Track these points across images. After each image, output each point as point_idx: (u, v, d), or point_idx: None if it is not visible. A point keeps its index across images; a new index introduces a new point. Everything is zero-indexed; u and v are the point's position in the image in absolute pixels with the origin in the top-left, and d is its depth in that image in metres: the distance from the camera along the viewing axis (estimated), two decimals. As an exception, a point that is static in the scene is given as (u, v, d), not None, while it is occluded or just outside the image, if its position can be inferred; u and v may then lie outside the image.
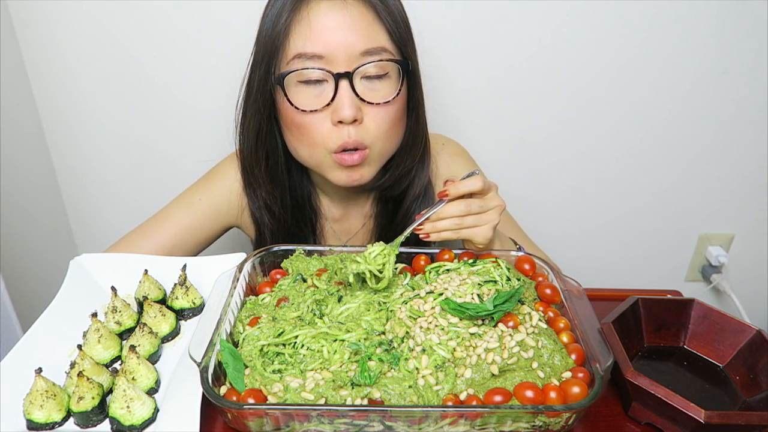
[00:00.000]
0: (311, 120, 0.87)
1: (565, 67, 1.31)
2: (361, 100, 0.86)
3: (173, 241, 0.99)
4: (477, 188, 0.82)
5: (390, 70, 0.87)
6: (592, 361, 0.68)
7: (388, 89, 0.88)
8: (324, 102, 0.86)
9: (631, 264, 1.61)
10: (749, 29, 1.29)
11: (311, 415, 0.62)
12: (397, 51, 0.88)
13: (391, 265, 0.80)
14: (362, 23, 0.83)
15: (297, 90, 0.86)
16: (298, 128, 0.89)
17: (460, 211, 0.82)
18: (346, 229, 1.10)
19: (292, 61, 0.85)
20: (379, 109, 0.88)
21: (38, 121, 1.33)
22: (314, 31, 0.83)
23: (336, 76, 0.84)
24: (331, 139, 0.88)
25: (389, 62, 0.86)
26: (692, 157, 1.45)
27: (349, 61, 0.84)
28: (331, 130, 0.87)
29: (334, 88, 0.85)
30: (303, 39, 0.83)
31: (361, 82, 0.86)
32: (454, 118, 1.35)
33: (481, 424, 0.64)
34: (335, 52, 0.83)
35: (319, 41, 0.83)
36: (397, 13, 0.88)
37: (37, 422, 0.65)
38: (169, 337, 0.81)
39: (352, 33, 0.83)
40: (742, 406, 0.73)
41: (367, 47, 0.84)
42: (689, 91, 1.36)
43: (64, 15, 1.21)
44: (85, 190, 1.44)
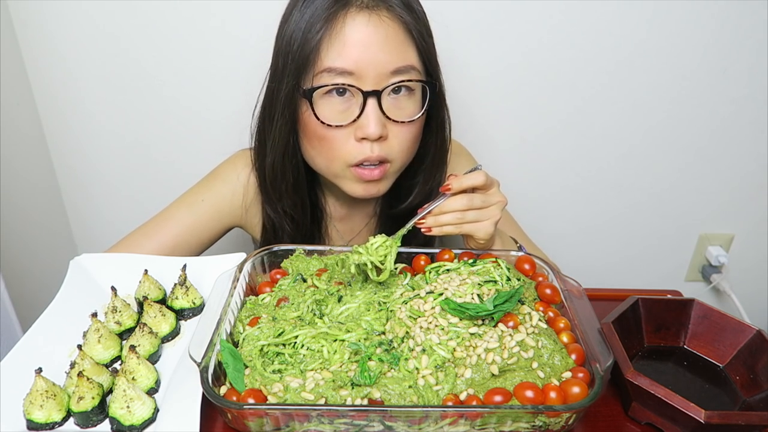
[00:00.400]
0: (334, 134, 0.87)
1: (564, 66, 1.31)
2: (387, 118, 0.86)
3: (175, 241, 0.99)
4: (480, 183, 0.82)
5: (416, 88, 0.87)
6: (592, 361, 0.68)
7: (413, 107, 0.88)
8: (350, 118, 0.85)
9: (631, 264, 1.61)
10: (749, 29, 1.29)
11: (311, 415, 0.62)
12: (423, 69, 0.88)
13: (393, 257, 0.80)
14: (395, 41, 0.83)
15: (322, 102, 0.85)
16: (320, 140, 0.88)
17: (463, 206, 0.82)
18: (349, 229, 1.11)
19: (321, 74, 0.83)
20: (403, 126, 0.88)
21: (38, 121, 1.33)
22: (347, 46, 0.82)
23: (365, 93, 0.83)
24: (352, 153, 0.87)
25: (418, 82, 0.86)
26: (692, 157, 1.45)
27: (378, 79, 0.83)
28: (355, 145, 0.87)
29: (361, 105, 0.84)
30: (335, 53, 0.82)
31: (388, 99, 0.85)
32: (455, 118, 1.35)
33: (481, 424, 0.64)
34: (366, 69, 0.82)
35: (351, 57, 0.82)
36: (425, 30, 0.87)
37: (37, 422, 0.65)
38: (169, 337, 0.81)
39: (384, 51, 0.82)
40: (742, 406, 0.73)
41: (397, 66, 0.83)
42: (689, 91, 1.36)
43: (64, 15, 1.21)
44: (85, 190, 1.44)
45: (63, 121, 1.34)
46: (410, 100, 0.87)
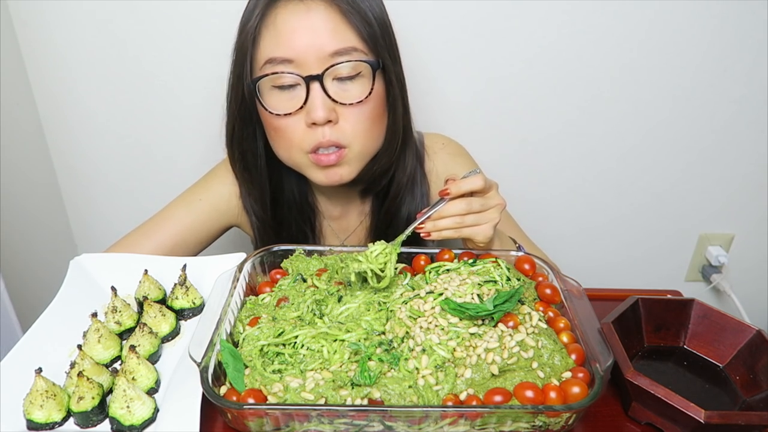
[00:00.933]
0: (286, 123, 0.88)
1: (565, 67, 1.31)
2: (334, 101, 0.86)
3: (174, 241, 1.00)
4: (478, 187, 0.82)
5: (363, 70, 0.87)
6: (592, 361, 0.68)
7: (361, 89, 0.87)
8: (297, 105, 0.86)
9: (631, 264, 1.61)
10: (749, 29, 1.29)
11: (311, 415, 0.62)
12: (369, 50, 0.87)
13: (393, 264, 0.80)
14: (329, 24, 0.83)
15: (271, 94, 0.87)
16: (275, 131, 0.91)
17: (462, 210, 0.82)
18: (344, 227, 1.11)
19: (264, 66, 0.85)
20: (353, 108, 0.87)
21: (38, 121, 1.33)
22: (281, 35, 0.83)
23: (306, 78, 0.84)
24: (306, 140, 0.88)
25: (360, 62, 0.85)
26: (692, 157, 1.45)
27: (319, 63, 0.84)
28: (306, 131, 0.88)
29: (306, 91, 0.85)
30: (272, 44, 0.84)
31: (333, 83, 0.86)
32: (455, 119, 1.35)
33: (481, 424, 0.64)
34: (304, 55, 0.83)
35: (286, 45, 0.83)
36: (367, 11, 0.86)
37: (37, 422, 0.65)
38: (169, 337, 0.81)
39: (319, 35, 0.83)
40: (742, 406, 0.73)
41: (336, 48, 0.83)
42: (689, 91, 1.36)
43: (64, 15, 1.21)
44: (85, 190, 1.44)
45: (63, 121, 1.34)
46: (356, 83, 0.87)
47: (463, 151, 1.13)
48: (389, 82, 0.91)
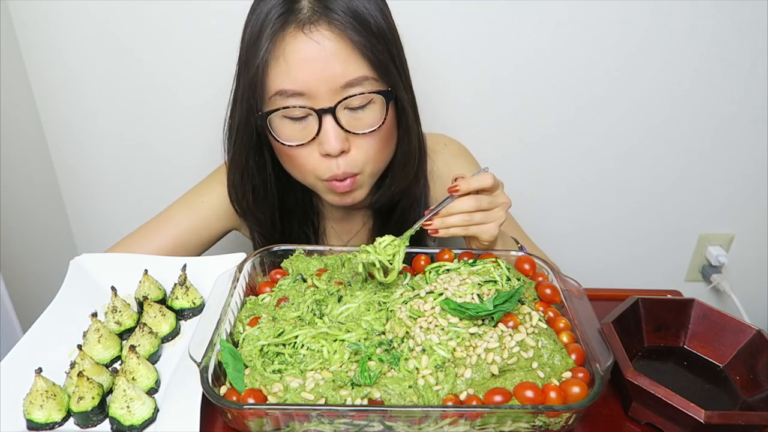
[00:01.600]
0: (299, 152, 0.87)
1: (565, 67, 1.31)
2: (347, 132, 0.85)
3: (175, 243, 0.99)
4: (488, 184, 0.81)
5: (374, 97, 0.85)
6: (592, 361, 0.68)
7: (373, 117, 0.85)
8: (309, 136, 0.84)
9: (631, 264, 1.61)
10: (749, 29, 1.29)
11: (311, 415, 0.62)
12: (380, 77, 0.84)
13: (401, 257, 0.79)
14: (340, 56, 0.80)
15: (282, 124, 0.85)
16: (287, 158, 0.90)
17: (470, 207, 0.81)
18: (347, 229, 1.10)
19: (274, 97, 0.83)
20: (365, 137, 0.86)
21: (38, 121, 1.33)
22: (291, 68, 0.80)
23: (319, 111, 0.82)
24: (320, 168, 0.87)
25: (372, 93, 0.84)
26: (692, 157, 1.45)
27: (330, 95, 0.81)
28: (320, 160, 0.87)
29: (318, 123, 0.83)
30: (281, 76, 0.81)
31: (345, 113, 0.84)
32: (455, 118, 1.35)
33: (481, 424, 0.64)
34: (315, 87, 0.81)
35: (297, 79, 0.80)
36: (379, 37, 0.83)
37: (37, 422, 0.65)
38: (169, 337, 0.81)
39: (330, 67, 0.80)
40: (742, 406, 0.73)
41: (347, 79, 0.81)
42: (689, 91, 1.36)
43: (64, 15, 1.21)
44: (85, 190, 1.44)
45: (63, 121, 1.34)
46: (368, 111, 0.85)
47: (464, 150, 1.13)
48: (401, 109, 0.90)
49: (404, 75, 0.90)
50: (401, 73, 0.88)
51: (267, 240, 1.03)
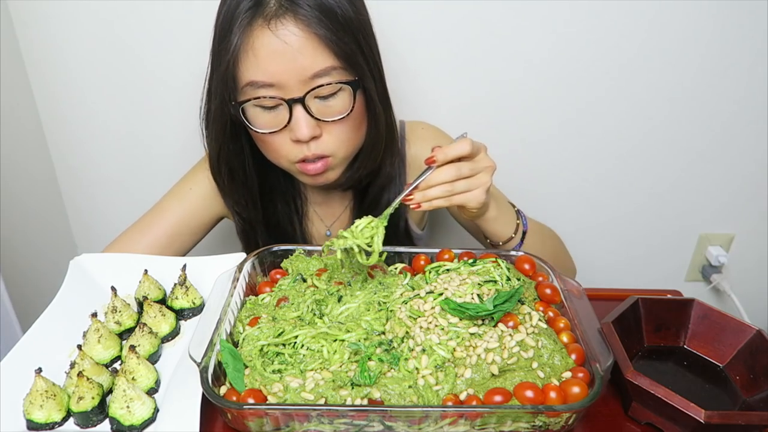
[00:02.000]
0: (272, 139, 0.89)
1: (565, 67, 1.31)
2: (317, 119, 0.87)
3: (169, 233, 1.02)
4: (466, 151, 0.79)
5: (342, 87, 0.87)
6: (592, 361, 0.68)
7: (342, 105, 0.88)
8: (281, 124, 0.87)
9: (631, 264, 1.61)
10: (749, 29, 1.29)
11: (311, 415, 0.62)
12: (348, 66, 0.86)
13: (380, 238, 0.79)
14: (307, 49, 0.82)
15: (255, 113, 0.88)
16: (263, 143, 0.92)
17: (451, 176, 0.79)
18: (330, 212, 1.12)
19: (245, 88, 0.85)
20: (335, 124, 0.88)
21: (38, 121, 1.33)
22: (260, 60, 0.82)
23: (289, 101, 0.85)
24: (292, 152, 0.90)
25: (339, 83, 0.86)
26: (692, 157, 1.45)
27: (299, 85, 0.84)
28: (292, 145, 0.89)
29: (289, 112, 0.85)
30: (251, 68, 0.83)
31: (315, 102, 0.86)
32: (456, 119, 1.35)
33: (481, 424, 0.64)
34: (284, 79, 0.83)
35: (266, 71, 0.83)
36: (344, 25, 0.84)
37: (37, 422, 0.65)
38: (169, 337, 0.81)
39: (297, 60, 0.82)
40: (742, 406, 0.73)
41: (315, 70, 0.83)
42: (689, 91, 1.36)
43: (64, 15, 1.21)
44: (85, 190, 1.44)
45: (63, 121, 1.34)
46: (337, 99, 0.87)
47: (441, 133, 1.12)
48: (369, 97, 0.91)
49: (373, 63, 0.90)
50: (369, 61, 0.89)
51: (250, 225, 1.05)
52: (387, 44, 1.26)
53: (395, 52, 1.27)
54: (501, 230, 0.93)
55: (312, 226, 1.11)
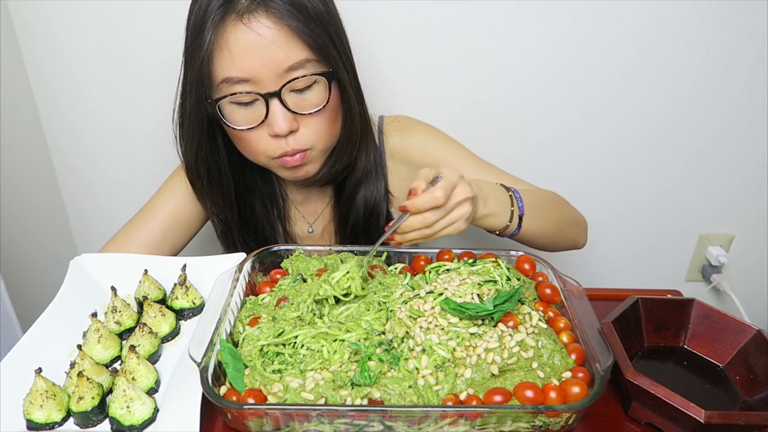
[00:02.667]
0: (250, 135, 0.89)
1: (565, 67, 1.31)
2: (294, 113, 0.87)
3: (164, 226, 1.02)
4: (439, 203, 0.76)
5: (317, 78, 0.87)
6: (592, 361, 0.68)
7: (318, 97, 0.88)
8: (258, 120, 0.87)
9: (631, 264, 1.61)
10: (749, 29, 1.29)
11: (311, 415, 0.62)
12: (322, 58, 0.87)
13: (358, 283, 0.79)
14: (280, 42, 0.83)
15: (231, 109, 0.88)
16: (239, 140, 0.92)
17: (427, 222, 0.78)
18: (310, 211, 1.12)
19: (221, 85, 0.86)
20: (312, 116, 0.89)
21: (38, 121, 1.33)
22: (234, 56, 0.83)
23: (265, 96, 0.85)
24: (270, 148, 0.90)
25: (315, 75, 0.86)
26: (692, 157, 1.45)
27: (275, 79, 0.84)
28: (270, 141, 0.89)
29: (265, 107, 0.86)
30: (226, 64, 0.84)
31: (291, 95, 0.87)
32: (456, 119, 1.35)
33: (481, 424, 0.64)
34: (259, 73, 0.83)
35: (241, 66, 0.83)
36: (315, 18, 0.85)
37: (37, 422, 0.65)
38: (169, 337, 0.81)
39: (271, 53, 0.83)
40: (742, 406, 0.73)
41: (289, 63, 0.84)
42: (689, 91, 1.36)
43: (64, 15, 1.21)
44: (85, 190, 1.44)
45: (63, 120, 1.33)
46: (313, 91, 0.88)
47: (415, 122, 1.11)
48: (344, 90, 0.92)
49: (345, 56, 0.91)
50: (341, 54, 0.90)
51: (227, 226, 1.05)
52: (386, 43, 1.26)
53: (395, 51, 1.27)
54: (493, 223, 0.90)
55: (295, 224, 1.12)
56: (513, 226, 0.90)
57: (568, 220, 1.05)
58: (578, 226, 1.08)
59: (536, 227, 0.93)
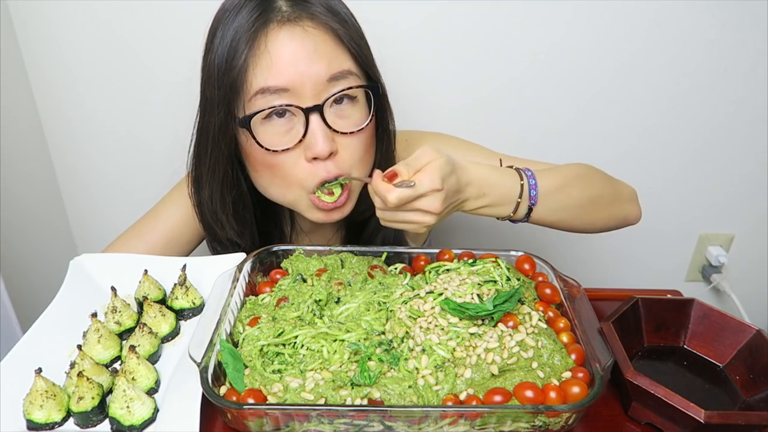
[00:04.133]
0: (283, 159, 0.81)
1: (565, 66, 1.31)
2: (334, 131, 0.81)
3: (166, 238, 0.99)
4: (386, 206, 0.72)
5: (358, 94, 0.82)
6: (592, 361, 0.68)
7: (359, 115, 0.82)
8: (295, 139, 0.80)
9: (631, 264, 1.61)
10: (749, 29, 1.29)
11: (311, 415, 0.62)
12: (362, 73, 0.82)
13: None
14: (325, 49, 0.78)
15: (264, 128, 0.80)
16: (269, 168, 0.83)
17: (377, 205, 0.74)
18: (321, 238, 1.07)
19: (255, 97, 0.79)
20: (352, 137, 0.82)
21: (38, 121, 1.33)
22: (276, 63, 0.77)
23: (306, 110, 0.78)
24: (308, 178, 0.82)
25: (360, 88, 0.81)
26: (692, 157, 1.45)
27: (316, 91, 0.78)
28: (306, 167, 0.82)
29: (304, 123, 0.79)
30: (265, 73, 0.77)
31: (330, 112, 0.80)
32: (455, 118, 1.35)
33: (481, 424, 0.64)
34: (301, 83, 0.77)
35: (282, 74, 0.77)
36: (355, 33, 0.82)
37: (37, 422, 0.65)
38: (169, 337, 0.81)
39: (315, 61, 0.77)
40: (742, 406, 0.73)
41: (333, 73, 0.78)
42: (689, 90, 1.36)
43: (64, 15, 1.21)
44: (85, 190, 1.44)
45: (63, 121, 1.34)
46: (354, 108, 0.82)
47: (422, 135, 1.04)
48: (383, 107, 0.87)
49: (378, 71, 0.87)
50: (377, 71, 0.86)
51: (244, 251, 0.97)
52: (387, 44, 1.26)
53: (395, 52, 1.27)
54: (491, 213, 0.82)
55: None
56: (520, 214, 0.83)
57: (605, 196, 0.94)
58: (621, 201, 0.97)
59: (556, 210, 0.85)
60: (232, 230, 0.93)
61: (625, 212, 0.97)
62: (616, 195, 0.97)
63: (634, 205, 0.98)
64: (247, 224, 0.95)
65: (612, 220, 0.96)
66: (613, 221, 0.96)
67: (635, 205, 0.98)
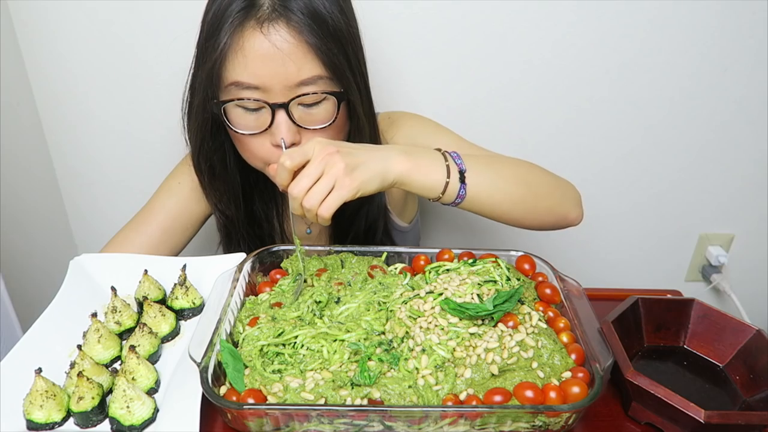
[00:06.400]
0: (251, 140, 0.89)
1: (565, 67, 1.31)
2: (298, 126, 0.87)
3: (163, 228, 1.02)
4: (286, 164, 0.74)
5: (327, 96, 0.87)
6: (592, 361, 0.68)
7: (325, 114, 0.88)
8: (262, 127, 0.87)
9: (631, 264, 1.61)
10: (749, 29, 1.29)
11: (311, 415, 0.63)
12: (335, 77, 0.86)
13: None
14: (296, 56, 0.82)
15: (236, 113, 0.87)
16: (239, 142, 0.92)
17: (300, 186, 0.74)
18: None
19: (229, 87, 0.85)
20: (315, 133, 0.88)
21: (38, 121, 1.33)
22: (249, 62, 0.82)
23: (273, 105, 0.84)
24: (270, 157, 0.90)
25: (325, 93, 0.86)
26: (692, 157, 1.45)
27: (284, 91, 0.84)
28: (270, 149, 0.89)
29: (271, 116, 0.85)
30: (239, 69, 0.83)
31: (297, 108, 0.86)
32: (454, 118, 1.35)
33: (481, 424, 0.64)
34: (270, 83, 0.83)
35: (254, 73, 0.83)
36: (334, 35, 0.84)
37: (37, 422, 0.65)
38: (169, 337, 0.81)
39: (285, 66, 0.82)
40: (742, 406, 0.73)
41: (301, 78, 0.83)
42: (689, 90, 1.36)
43: (64, 15, 1.21)
44: (85, 190, 1.44)
45: (63, 121, 1.34)
46: (321, 107, 0.87)
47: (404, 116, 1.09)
48: (353, 109, 0.91)
49: (360, 76, 0.90)
50: (356, 73, 0.89)
51: (231, 222, 1.04)
52: (386, 44, 1.26)
53: (395, 52, 1.27)
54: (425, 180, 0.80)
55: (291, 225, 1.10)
56: (454, 185, 0.81)
57: (543, 185, 0.94)
58: (561, 195, 0.96)
59: (488, 187, 0.84)
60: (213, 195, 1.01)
61: (566, 209, 0.95)
62: (555, 187, 0.96)
63: (573, 203, 0.97)
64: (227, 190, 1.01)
65: (551, 215, 0.94)
66: (552, 216, 0.94)
67: (576, 204, 0.97)
